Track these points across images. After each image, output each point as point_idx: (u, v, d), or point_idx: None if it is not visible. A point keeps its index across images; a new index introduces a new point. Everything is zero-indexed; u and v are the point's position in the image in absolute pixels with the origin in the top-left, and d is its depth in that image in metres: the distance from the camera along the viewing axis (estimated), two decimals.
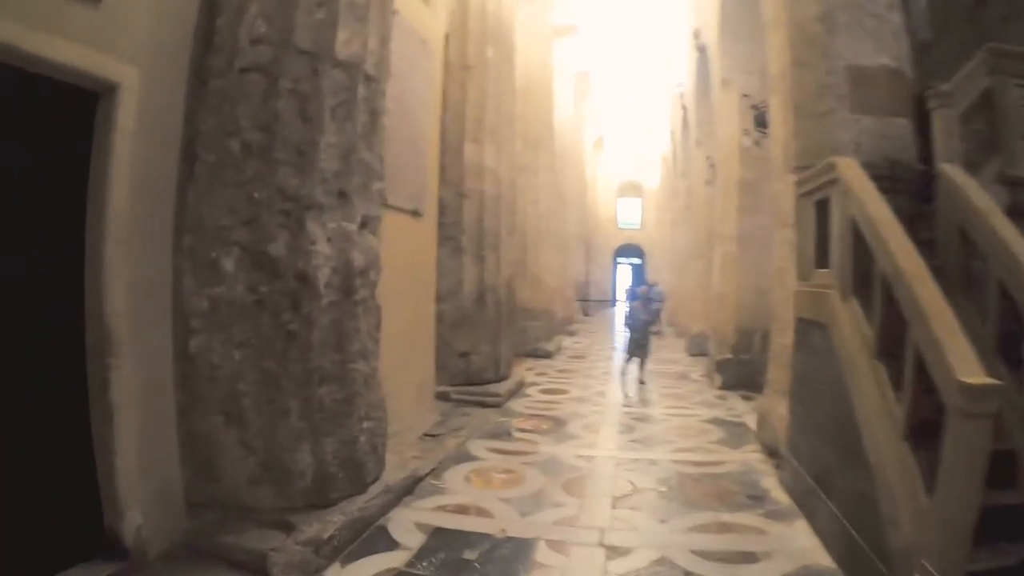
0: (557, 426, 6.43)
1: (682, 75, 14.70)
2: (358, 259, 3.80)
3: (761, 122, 8.01)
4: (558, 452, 5.41)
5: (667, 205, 23.22)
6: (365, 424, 3.83)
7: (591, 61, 19.28)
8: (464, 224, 7.55)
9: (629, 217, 35.35)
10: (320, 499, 3.52)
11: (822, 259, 4.06)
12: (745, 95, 8.59)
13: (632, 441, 5.93)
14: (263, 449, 3.41)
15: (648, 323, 9.33)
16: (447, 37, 7.45)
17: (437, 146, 7.33)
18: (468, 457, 5.24)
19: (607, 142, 29.93)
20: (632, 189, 34.68)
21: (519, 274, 11.55)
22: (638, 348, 8.85)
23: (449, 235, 7.51)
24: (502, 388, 7.55)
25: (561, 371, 10.23)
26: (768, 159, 8.07)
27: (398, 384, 5.96)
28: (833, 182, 3.80)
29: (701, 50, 10.90)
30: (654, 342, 9.95)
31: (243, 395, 3.40)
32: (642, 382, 8.81)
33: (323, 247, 3.56)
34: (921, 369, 2.72)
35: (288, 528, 3.31)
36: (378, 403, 4.05)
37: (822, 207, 4.08)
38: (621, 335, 17.32)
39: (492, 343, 7.77)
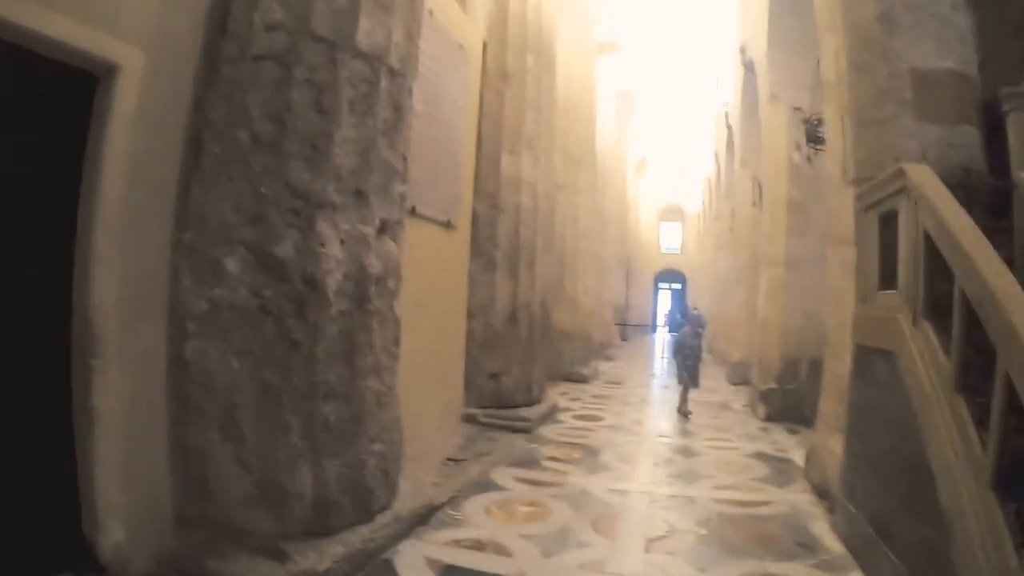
0: (589, 455, 6.02)
1: (727, 94, 14.30)
2: (374, 265, 3.51)
3: (813, 136, 7.55)
4: (589, 484, 5.01)
5: (709, 229, 22.74)
6: (375, 446, 3.51)
7: (634, 81, 19.01)
8: (498, 238, 7.25)
9: (670, 241, 34.78)
10: (320, 527, 3.20)
11: (887, 279, 3.62)
12: (796, 108, 8.14)
13: (669, 475, 5.49)
14: (259, 468, 3.12)
15: (699, 348, 8.83)
16: (485, 45, 7.23)
17: (473, 157, 7.10)
18: (491, 486, 4.87)
19: (650, 165, 29.49)
20: (674, 213, 34.14)
21: (556, 294, 11.21)
22: (688, 376, 8.39)
23: (482, 249, 7.21)
24: (533, 413, 7.17)
25: (597, 396, 9.79)
26: (818, 178, 7.82)
27: (421, 404, 5.66)
28: (901, 191, 3.38)
29: (748, 66, 10.63)
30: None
31: (240, 407, 3.12)
32: (688, 413, 8.30)
33: (335, 250, 3.28)
34: (1014, 405, 2.29)
35: (281, 557, 3.00)
36: (391, 424, 3.73)
37: (887, 221, 3.65)
38: (663, 362, 16.93)
39: (524, 364, 7.41)
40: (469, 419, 6.92)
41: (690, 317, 10.52)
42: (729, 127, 14.25)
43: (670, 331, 24.52)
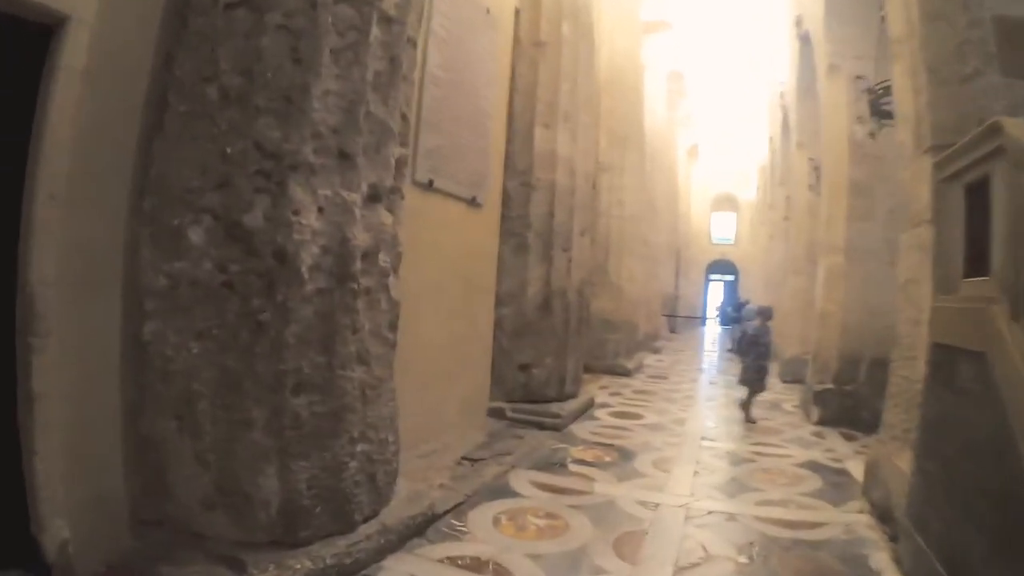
0: (622, 459, 5.48)
1: (782, 73, 13.48)
2: (360, 238, 3.05)
3: (877, 109, 6.85)
4: (617, 494, 4.47)
5: (763, 218, 21.71)
6: (359, 447, 3.07)
7: (685, 62, 18.19)
8: (531, 218, 6.72)
9: (723, 231, 33.65)
10: (287, 536, 2.78)
11: (975, 264, 2.97)
12: (859, 76, 7.44)
13: (710, 486, 4.89)
14: (218, 466, 2.72)
15: (770, 347, 7.84)
16: (517, 12, 6.71)
17: (504, 131, 6.60)
18: (506, 492, 4.39)
19: (702, 151, 28.45)
20: (727, 203, 33.00)
21: (599, 282, 10.66)
22: (756, 378, 7.47)
23: (513, 230, 6.70)
24: (565, 408, 6.65)
25: (639, 392, 9.20)
26: (882, 157, 7.21)
27: (437, 397, 5.26)
28: (996, 153, 2.72)
29: (804, 39, 9.92)
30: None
31: (199, 397, 2.72)
32: (754, 420, 7.40)
33: (311, 219, 2.84)
34: None
35: (240, 568, 2.60)
36: (382, 421, 3.28)
37: (976, 192, 2.99)
38: (714, 356, 16.16)
39: (558, 356, 6.88)
40: (496, 413, 6.46)
41: (761, 311, 9.49)
42: (784, 108, 13.65)
43: (721, 324, 23.61)
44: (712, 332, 19.01)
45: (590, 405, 7.48)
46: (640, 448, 5.88)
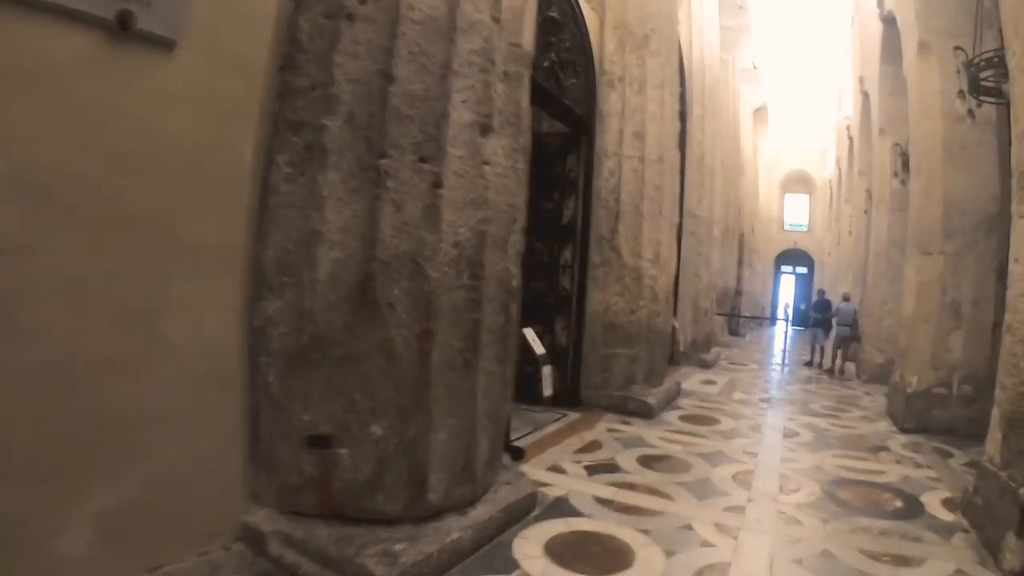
0: None
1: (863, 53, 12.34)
2: None
3: (976, 86, 5.80)
4: None
5: (844, 200, 18.09)
6: None
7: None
8: (338, 85, 2.79)
9: (795, 216, 28.84)
10: None
11: None
12: (957, 47, 6.38)
13: None
14: None
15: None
16: None
17: None
18: None
19: (771, 119, 23.78)
20: (800, 183, 28.16)
21: (600, 262, 6.81)
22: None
23: (297, 119, 2.83)
24: (432, 545, 2.73)
25: (650, 463, 4.88)
26: (980, 142, 6.58)
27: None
28: None
29: (887, 19, 9.67)
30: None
31: None
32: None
33: None
34: None
35: None
36: None
37: None
38: (786, 375, 11.65)
39: (406, 415, 2.76)
40: (252, 540, 2.77)
41: (845, 296, 10.13)
42: (865, 94, 12.40)
43: (792, 326, 19.05)
44: (783, 338, 14.16)
45: (504, 525, 3.47)
46: None
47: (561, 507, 3.73)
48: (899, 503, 4.22)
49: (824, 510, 3.99)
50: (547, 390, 5.34)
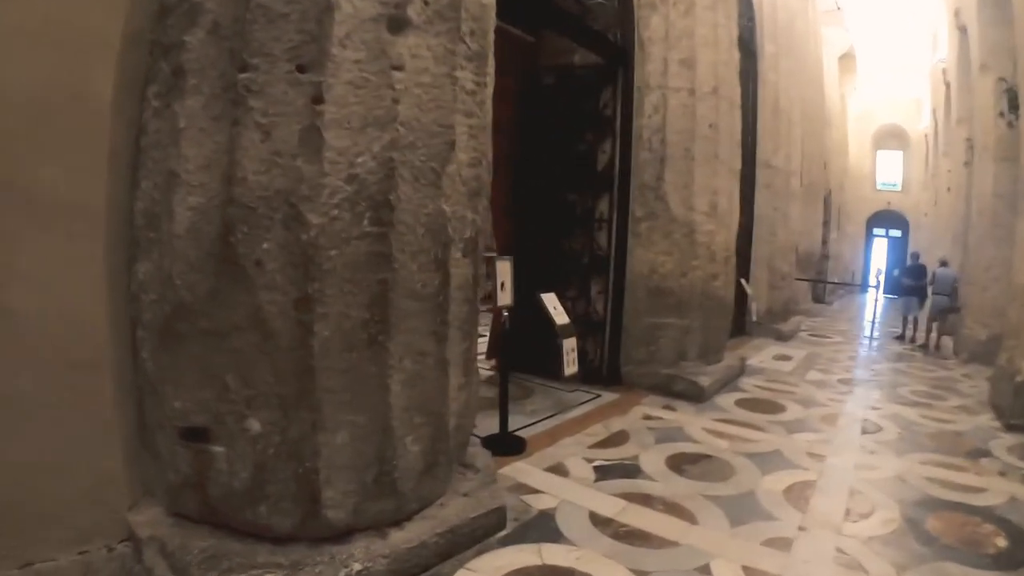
0: None
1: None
2: None
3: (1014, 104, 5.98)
4: None
5: (940, 155, 16.36)
6: None
7: None
8: None
9: (888, 175, 26.36)
10: None
11: None
12: (1001, 78, 7.20)
13: None
14: None
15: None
16: None
17: None
18: None
19: (859, 66, 21.57)
20: (893, 138, 25.66)
21: (643, 215, 5.90)
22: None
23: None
24: None
25: (682, 459, 4.17)
26: None
27: None
28: None
29: (962, 30, 9.93)
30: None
31: None
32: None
33: None
34: None
35: None
36: None
37: None
38: (875, 350, 10.19)
39: (288, 409, 2.22)
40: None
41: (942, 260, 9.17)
42: (962, 28, 11.02)
43: (886, 294, 17.19)
44: (875, 306, 12.45)
45: (462, 546, 2.74)
46: None
47: (541, 526, 2.99)
48: (1002, 542, 3.19)
49: (902, 549, 3.06)
50: (568, 368, 4.58)
